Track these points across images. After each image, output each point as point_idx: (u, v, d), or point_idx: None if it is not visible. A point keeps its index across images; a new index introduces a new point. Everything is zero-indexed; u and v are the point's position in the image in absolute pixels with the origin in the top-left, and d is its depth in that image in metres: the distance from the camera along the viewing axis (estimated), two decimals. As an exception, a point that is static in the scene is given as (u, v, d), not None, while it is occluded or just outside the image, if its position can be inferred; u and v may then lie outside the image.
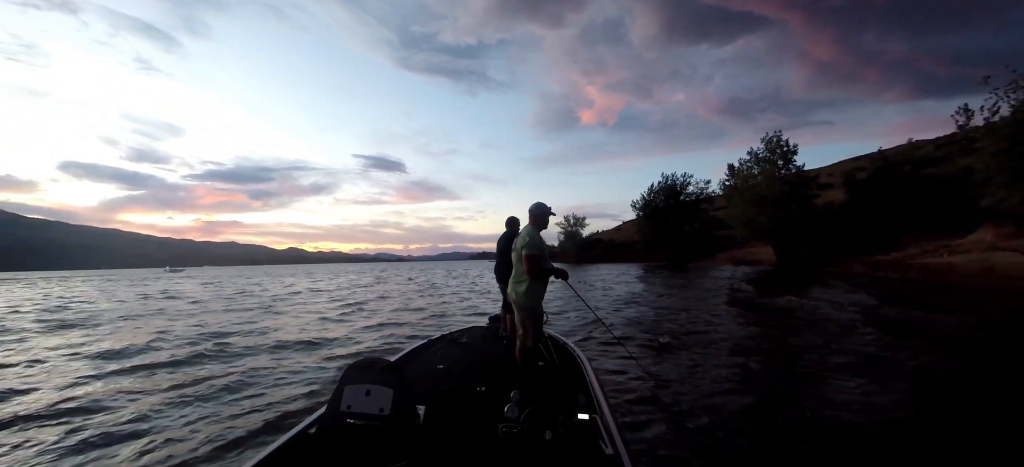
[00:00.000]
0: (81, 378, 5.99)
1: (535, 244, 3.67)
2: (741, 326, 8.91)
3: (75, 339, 9.20)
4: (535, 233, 3.74)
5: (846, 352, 6.35)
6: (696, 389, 4.88)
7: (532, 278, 3.66)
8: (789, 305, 11.36)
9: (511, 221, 5.15)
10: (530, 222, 3.85)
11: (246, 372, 6.09)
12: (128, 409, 4.69)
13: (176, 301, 17.98)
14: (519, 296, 3.72)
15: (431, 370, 4.20)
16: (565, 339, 5.05)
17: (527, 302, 3.70)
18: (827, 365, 5.76)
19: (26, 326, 11.21)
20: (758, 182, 34.47)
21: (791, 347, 7.01)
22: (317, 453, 2.34)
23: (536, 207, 3.84)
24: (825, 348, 6.68)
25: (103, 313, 13.91)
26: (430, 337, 5.58)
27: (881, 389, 4.76)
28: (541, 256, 3.68)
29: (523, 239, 3.72)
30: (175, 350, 7.61)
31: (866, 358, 6.03)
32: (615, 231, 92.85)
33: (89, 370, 6.45)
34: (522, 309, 3.74)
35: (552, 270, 3.79)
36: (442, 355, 4.69)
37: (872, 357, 6.08)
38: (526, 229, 3.81)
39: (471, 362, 4.45)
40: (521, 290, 3.70)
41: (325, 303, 15.86)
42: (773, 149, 34.87)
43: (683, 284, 19.16)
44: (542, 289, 3.78)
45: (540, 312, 3.86)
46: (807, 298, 12.52)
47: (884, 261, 23.69)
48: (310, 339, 8.47)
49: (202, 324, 10.86)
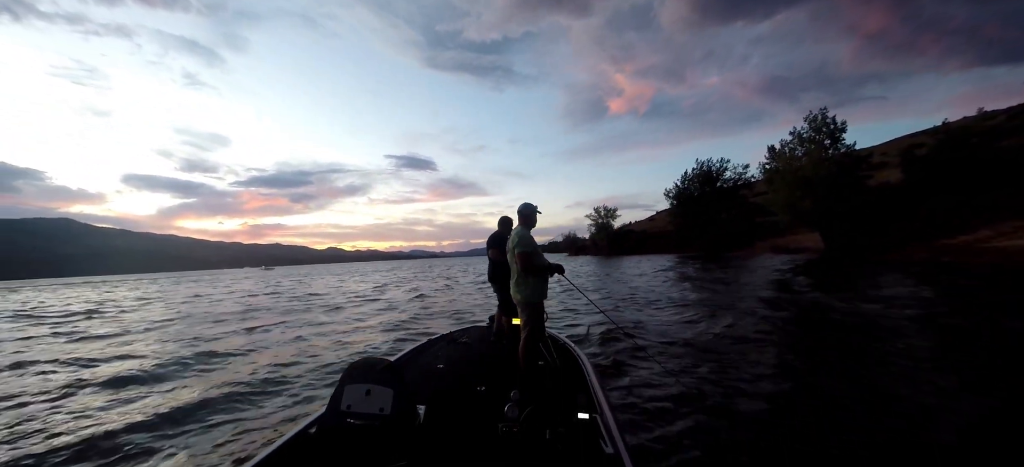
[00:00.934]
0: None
1: (525, 242, 3.81)
2: (781, 331, 7.86)
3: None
4: (524, 232, 3.89)
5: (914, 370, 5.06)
6: (713, 391, 4.58)
7: (527, 274, 3.77)
8: (833, 304, 10.10)
9: (503, 221, 5.11)
10: (519, 222, 4.02)
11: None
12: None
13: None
14: (518, 293, 3.84)
15: (431, 370, 4.18)
16: (565, 339, 5.02)
17: (530, 299, 3.79)
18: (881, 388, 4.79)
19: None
20: (802, 164, 32.16)
21: (834, 355, 5.77)
22: (317, 453, 2.34)
23: (524, 207, 4.02)
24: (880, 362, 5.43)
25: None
26: (430, 337, 5.53)
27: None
28: (533, 253, 3.80)
29: (513, 239, 3.86)
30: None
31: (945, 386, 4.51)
32: (648, 222, 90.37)
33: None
34: (523, 305, 3.82)
35: (547, 265, 3.88)
36: (442, 355, 4.69)
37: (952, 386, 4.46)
38: (516, 229, 3.95)
39: (471, 362, 4.44)
40: (523, 288, 3.80)
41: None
42: (818, 128, 32.42)
43: (719, 279, 17.94)
44: (542, 285, 3.86)
45: (541, 309, 3.88)
46: (863, 297, 10.58)
47: (950, 245, 21.40)
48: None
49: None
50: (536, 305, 3.80)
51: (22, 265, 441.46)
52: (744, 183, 53.46)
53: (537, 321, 3.81)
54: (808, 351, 6.02)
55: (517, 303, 3.88)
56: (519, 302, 3.84)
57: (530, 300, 3.77)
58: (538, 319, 3.82)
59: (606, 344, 6.63)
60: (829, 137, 32.10)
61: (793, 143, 33.92)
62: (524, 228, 3.91)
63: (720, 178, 54.53)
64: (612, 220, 74.35)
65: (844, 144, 31.70)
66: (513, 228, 4.05)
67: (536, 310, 3.80)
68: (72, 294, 33.65)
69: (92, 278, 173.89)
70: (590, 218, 76.05)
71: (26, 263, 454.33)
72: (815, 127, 32.64)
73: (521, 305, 3.83)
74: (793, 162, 33.07)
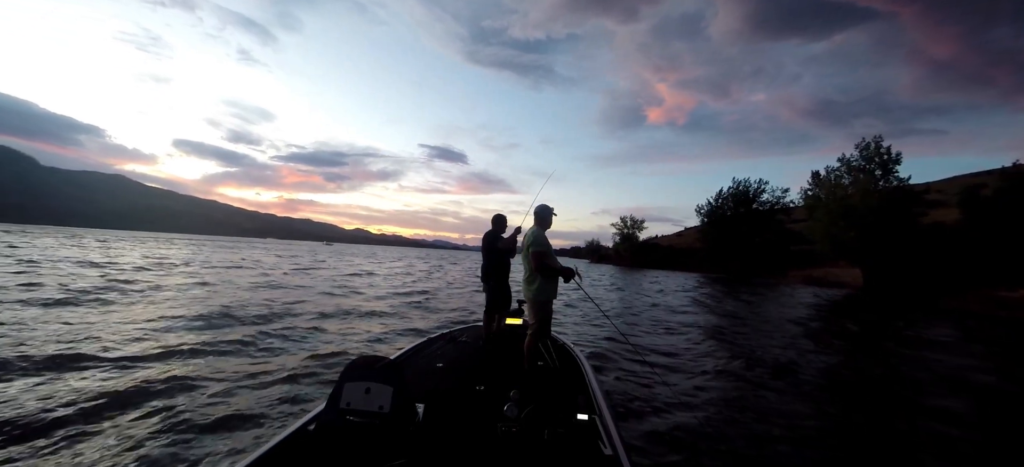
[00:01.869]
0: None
1: (540, 242, 3.83)
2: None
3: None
4: (540, 232, 3.90)
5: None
6: (713, 402, 4.61)
7: (540, 275, 3.77)
8: (875, 356, 9.05)
9: (497, 219, 5.02)
10: (535, 223, 4.01)
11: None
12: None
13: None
14: (529, 291, 3.85)
15: (431, 368, 4.13)
16: (565, 339, 4.96)
17: (538, 297, 3.81)
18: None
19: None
20: (848, 193, 30.27)
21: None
22: (316, 450, 2.32)
23: (541, 208, 4.04)
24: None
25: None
26: (429, 335, 5.48)
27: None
28: (547, 254, 3.81)
29: (529, 238, 3.89)
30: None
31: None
32: (676, 237, 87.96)
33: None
34: (532, 304, 3.85)
35: (559, 268, 3.85)
36: (442, 354, 4.65)
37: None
38: (531, 229, 3.96)
39: (470, 361, 4.40)
40: (532, 287, 3.82)
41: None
42: (870, 157, 30.47)
43: (746, 306, 16.94)
44: (553, 286, 3.88)
45: (550, 308, 3.90)
46: (914, 349, 9.17)
47: (1010, 299, 19.53)
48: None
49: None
50: (544, 303, 3.83)
51: (80, 216, 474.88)
52: (782, 208, 51.05)
53: (544, 320, 3.84)
54: (836, 409, 5.14)
55: (527, 300, 3.93)
56: (529, 300, 3.88)
57: (538, 298, 3.81)
58: (545, 318, 3.85)
59: (615, 347, 6.56)
60: (881, 167, 30.11)
61: (840, 170, 32.03)
62: (539, 228, 3.94)
63: (756, 200, 52.28)
64: (638, 231, 72.75)
65: (897, 177, 29.64)
66: (526, 228, 4.08)
67: (544, 308, 3.83)
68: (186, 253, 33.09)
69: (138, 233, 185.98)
70: (615, 227, 74.69)
71: (84, 214, 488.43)
72: (866, 156, 30.69)
73: (530, 303, 3.87)
74: (838, 190, 31.20)
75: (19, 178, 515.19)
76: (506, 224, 4.99)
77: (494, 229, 4.95)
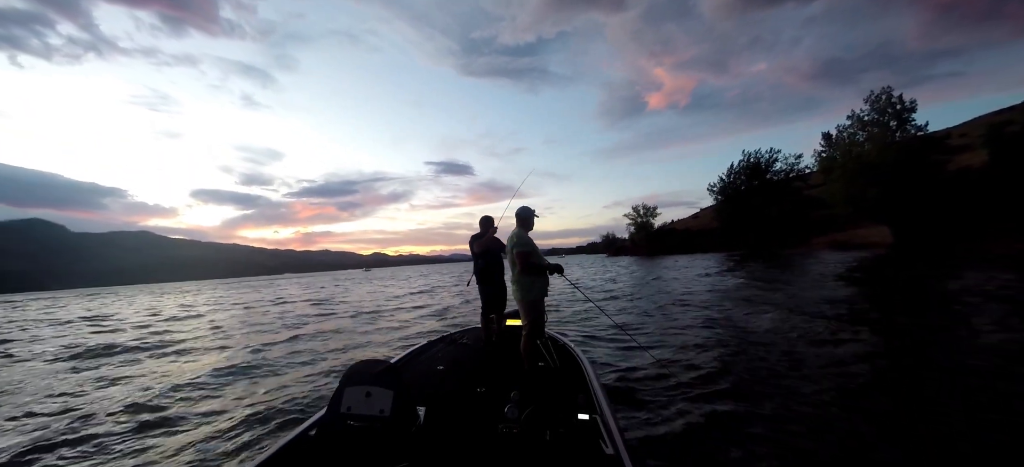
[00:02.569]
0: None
1: (523, 242, 3.89)
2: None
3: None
4: (522, 233, 3.96)
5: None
6: (713, 391, 4.30)
7: (527, 274, 3.81)
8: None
9: (485, 221, 5.01)
10: (517, 225, 4.05)
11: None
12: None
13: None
14: (519, 292, 3.85)
15: (431, 371, 4.13)
16: (565, 339, 4.92)
17: (527, 296, 3.82)
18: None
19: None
20: (864, 150, 29.03)
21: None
22: (317, 455, 2.32)
23: (522, 210, 4.07)
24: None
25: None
26: (430, 338, 5.48)
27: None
28: (531, 252, 3.86)
29: (512, 241, 3.94)
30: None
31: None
32: (692, 219, 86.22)
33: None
34: (523, 304, 3.85)
35: (546, 265, 3.90)
36: (442, 356, 4.65)
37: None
38: (514, 232, 4.00)
39: (471, 363, 4.39)
40: (521, 286, 3.84)
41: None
42: (883, 109, 29.23)
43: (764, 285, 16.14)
44: (542, 284, 3.89)
45: (541, 307, 3.89)
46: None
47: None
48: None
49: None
50: (535, 302, 3.83)
51: (114, 274, 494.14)
52: (797, 175, 49.47)
53: (537, 318, 3.84)
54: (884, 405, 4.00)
55: (518, 302, 3.92)
56: (520, 301, 3.88)
57: (528, 297, 3.81)
58: (538, 316, 3.85)
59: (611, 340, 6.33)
60: (895, 118, 28.81)
61: (852, 128, 30.80)
62: (522, 230, 3.99)
63: (770, 170, 50.81)
64: (652, 218, 71.48)
65: (914, 125, 28.32)
66: (513, 230, 4.09)
67: (535, 307, 3.83)
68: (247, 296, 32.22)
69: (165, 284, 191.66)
70: (628, 217, 73.57)
71: (118, 271, 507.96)
72: (878, 108, 29.45)
73: (521, 303, 3.86)
74: (853, 148, 29.98)
75: (52, 246, 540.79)
76: (492, 224, 5.01)
77: (483, 230, 4.95)
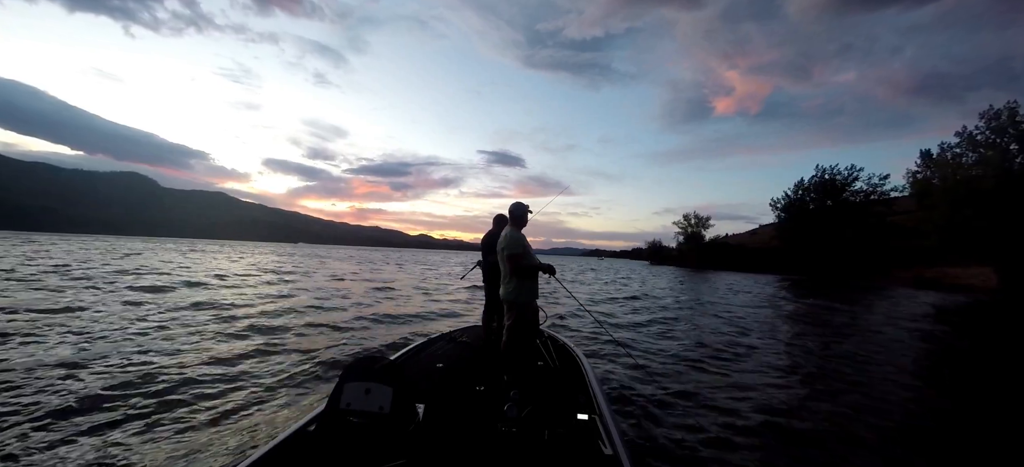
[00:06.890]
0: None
1: (516, 243, 3.73)
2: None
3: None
4: (516, 233, 3.80)
5: None
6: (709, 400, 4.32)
7: (517, 276, 3.71)
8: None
9: (499, 219, 4.85)
10: (511, 223, 3.89)
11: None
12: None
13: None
14: (508, 293, 3.77)
15: (431, 369, 4.09)
16: (565, 339, 4.97)
17: (517, 298, 3.73)
18: None
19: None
20: (974, 174, 24.65)
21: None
22: (316, 451, 2.30)
23: (515, 207, 3.91)
24: None
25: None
26: (429, 336, 5.44)
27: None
28: (523, 254, 3.73)
29: (503, 241, 3.80)
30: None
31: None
32: (748, 235, 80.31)
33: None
34: (512, 305, 3.76)
35: (538, 265, 3.80)
36: (442, 354, 4.62)
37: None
38: (507, 231, 3.85)
39: (471, 361, 4.38)
40: (511, 288, 3.75)
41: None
42: (1002, 129, 24.59)
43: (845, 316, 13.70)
44: (533, 286, 3.82)
45: (534, 309, 3.83)
46: None
47: None
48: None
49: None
50: (524, 305, 3.74)
51: (192, 228, 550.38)
52: (880, 198, 43.78)
53: (525, 322, 3.75)
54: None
55: (506, 303, 3.82)
56: (508, 302, 3.79)
57: (517, 300, 3.72)
58: (526, 320, 3.76)
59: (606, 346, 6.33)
60: (1017, 140, 24.17)
61: (961, 147, 26.30)
62: (515, 229, 3.82)
63: (847, 189, 45.40)
64: (703, 229, 67.01)
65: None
66: (505, 229, 3.93)
67: (524, 310, 3.74)
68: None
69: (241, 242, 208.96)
70: (678, 226, 69.46)
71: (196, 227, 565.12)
72: (996, 128, 24.83)
73: (509, 305, 3.77)
74: (960, 171, 25.58)
75: (145, 198, 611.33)
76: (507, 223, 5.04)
77: (496, 229, 4.81)
